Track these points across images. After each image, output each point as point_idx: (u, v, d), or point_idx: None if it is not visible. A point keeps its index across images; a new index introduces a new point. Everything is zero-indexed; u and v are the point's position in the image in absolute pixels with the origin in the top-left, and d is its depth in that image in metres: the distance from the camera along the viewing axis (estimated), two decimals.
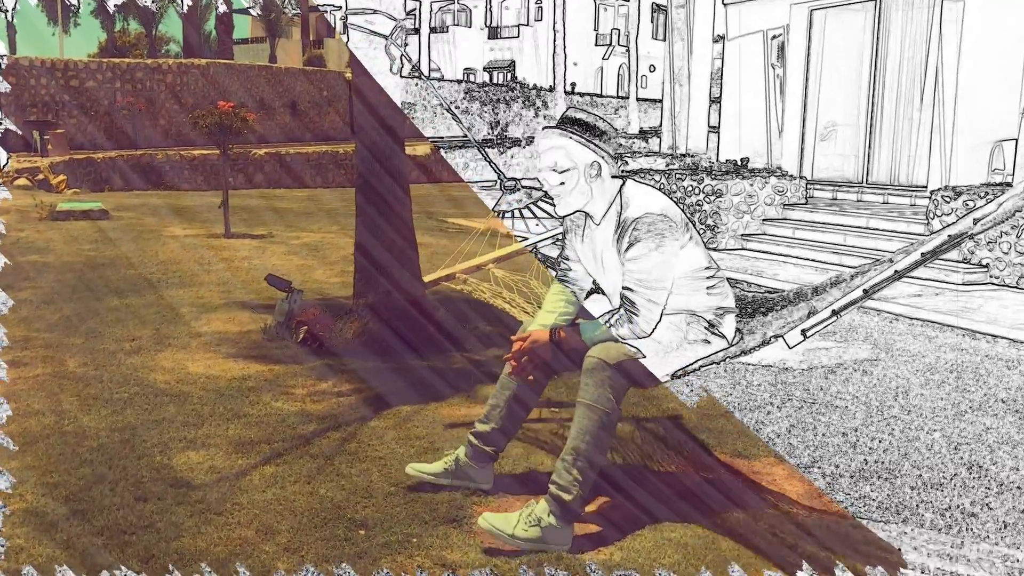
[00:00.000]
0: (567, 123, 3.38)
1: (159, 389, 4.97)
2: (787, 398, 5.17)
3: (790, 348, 2.93)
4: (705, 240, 11.89)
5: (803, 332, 2.91)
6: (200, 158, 21.91)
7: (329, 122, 31.68)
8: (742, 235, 12.03)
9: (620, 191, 3.41)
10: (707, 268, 3.43)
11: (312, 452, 4.10)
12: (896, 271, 2.68)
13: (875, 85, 12.83)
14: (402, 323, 5.99)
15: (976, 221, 2.47)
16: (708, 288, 3.42)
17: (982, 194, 9.65)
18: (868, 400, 5.18)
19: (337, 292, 7.79)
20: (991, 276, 9.28)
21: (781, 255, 11.26)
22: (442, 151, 26.04)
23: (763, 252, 11.60)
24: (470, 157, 23.95)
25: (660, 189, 3.33)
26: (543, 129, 3.43)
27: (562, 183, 3.37)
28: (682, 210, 3.41)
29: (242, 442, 4.21)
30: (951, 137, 11.50)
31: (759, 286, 9.48)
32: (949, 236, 2.58)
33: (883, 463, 4.16)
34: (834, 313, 2.85)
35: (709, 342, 3.40)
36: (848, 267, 3.66)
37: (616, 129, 3.60)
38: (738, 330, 3.48)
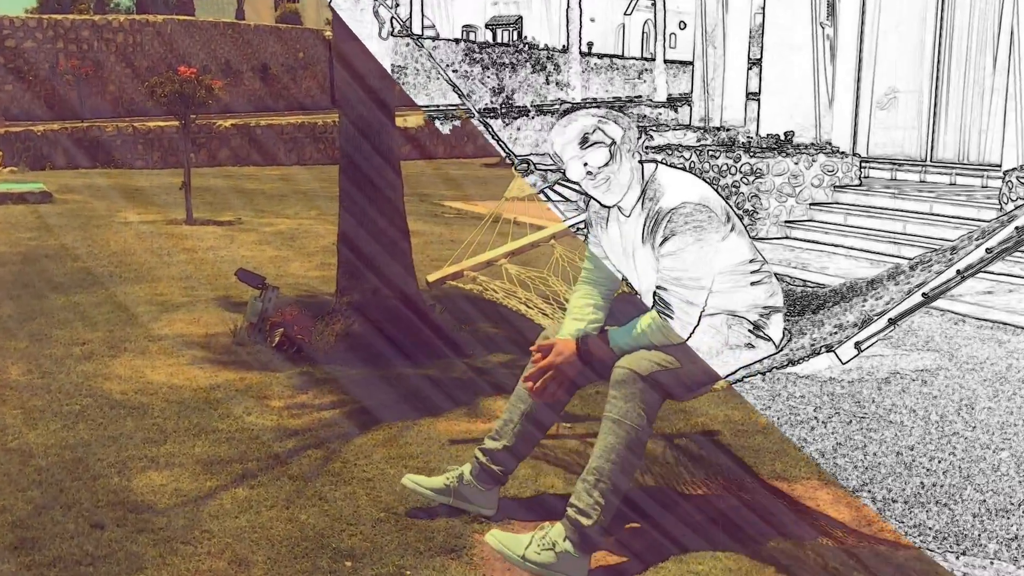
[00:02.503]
0: (578, 108, 3.49)
1: (114, 401, 5.07)
2: (834, 412, 5.25)
3: (843, 364, 3.02)
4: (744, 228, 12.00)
5: (857, 346, 2.99)
6: (156, 132, 22.02)
7: (306, 89, 31.78)
8: (785, 222, 12.10)
9: (651, 178, 3.49)
10: (752, 261, 3.50)
11: (290, 473, 4.19)
12: (958, 271, 2.76)
13: (940, 46, 12.88)
14: (393, 325, 6.08)
15: None
16: (753, 284, 3.50)
17: None
18: (927, 415, 5.26)
19: (317, 288, 7.89)
20: None
21: (831, 245, 11.33)
22: (437, 123, 26.12)
23: (810, 242, 11.67)
24: (470, 130, 24.04)
25: (691, 171, 3.41)
26: (563, 116, 3.51)
27: (608, 163, 3.42)
28: (723, 197, 3.48)
29: (210, 461, 4.30)
30: None
31: (804, 281, 9.58)
32: (1017, 229, 2.65)
33: (942, 487, 4.25)
34: (891, 322, 2.93)
35: (754, 347, 3.49)
36: (906, 258, 3.74)
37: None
38: (786, 330, 3.56)
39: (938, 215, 11.27)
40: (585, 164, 3.43)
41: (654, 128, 14.90)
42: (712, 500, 4.09)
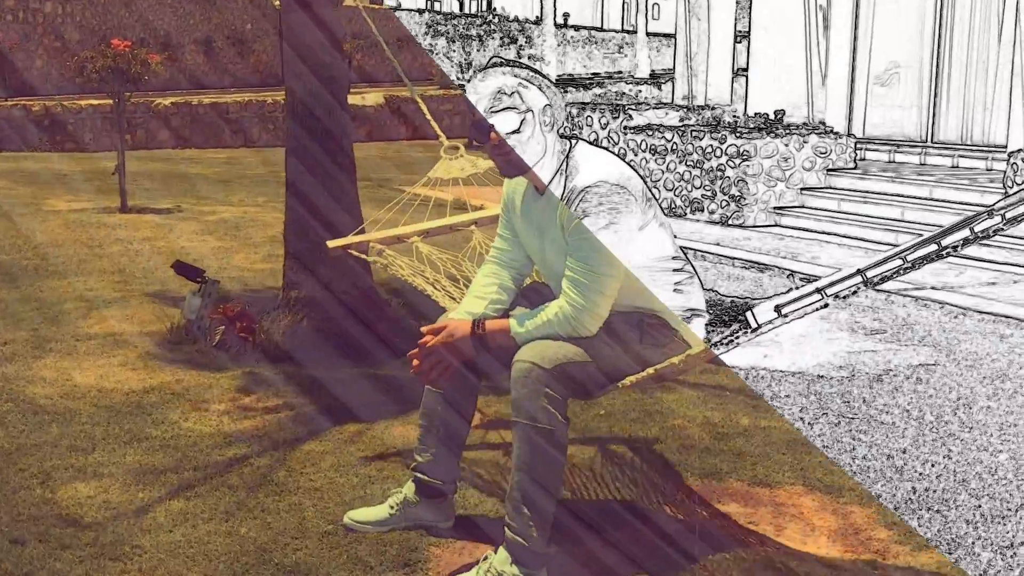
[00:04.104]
0: (504, 64, 3.47)
1: (38, 406, 5.07)
2: (821, 412, 5.32)
3: (758, 326, 2.97)
4: (729, 215, 12.12)
5: (777, 308, 2.95)
6: (88, 110, 21.91)
7: (254, 64, 31.65)
8: (775, 208, 12.20)
9: (569, 154, 3.49)
10: (674, 259, 3.51)
11: (230, 483, 4.21)
12: (901, 257, 2.79)
13: (942, 17, 12.99)
14: (345, 321, 6.10)
15: (1007, 196, 2.60)
16: (675, 284, 3.50)
17: None
18: (921, 414, 5.34)
19: (263, 282, 7.90)
20: None
21: (823, 233, 11.43)
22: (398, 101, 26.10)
23: (801, 229, 11.77)
24: (434, 110, 24.03)
25: (673, 153, 3.41)
26: (484, 69, 3.49)
27: (517, 130, 3.40)
28: (644, 181, 3.49)
29: (143, 471, 4.32)
30: None
31: (793, 272, 9.62)
32: (963, 221, 2.70)
33: (935, 491, 4.32)
34: (818, 292, 2.92)
35: (670, 348, 3.48)
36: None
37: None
38: (707, 340, 3.53)
39: (939, 200, 11.38)
40: (492, 126, 3.41)
41: (633, 107, 14.95)
42: (678, 514, 4.13)
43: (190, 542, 3.69)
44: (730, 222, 12.24)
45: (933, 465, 4.62)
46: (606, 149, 3.59)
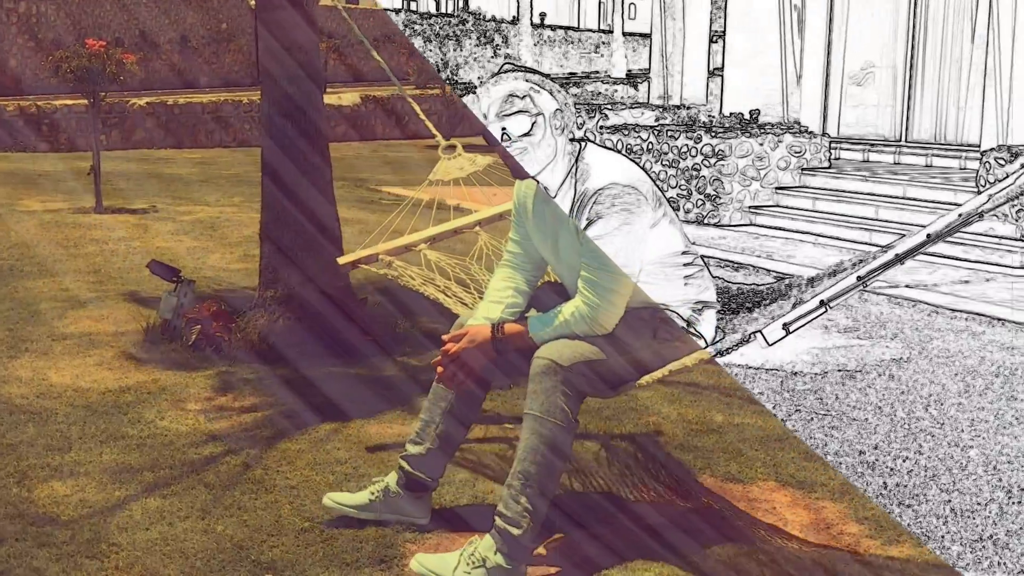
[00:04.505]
0: (516, 69, 3.53)
1: (14, 405, 5.07)
2: (794, 409, 5.37)
3: (769, 345, 3.08)
4: (705, 214, 12.18)
5: (785, 327, 3.05)
6: (63, 111, 21.82)
7: (230, 62, 31.58)
8: (750, 207, 12.27)
9: (579, 157, 3.56)
10: (684, 253, 3.58)
11: (207, 481, 4.22)
12: (897, 255, 2.86)
13: (916, 17, 13.08)
14: (320, 321, 6.11)
15: (990, 197, 2.65)
16: (685, 278, 3.57)
17: None
18: (893, 411, 5.40)
19: (239, 282, 7.91)
20: None
21: (798, 232, 11.51)
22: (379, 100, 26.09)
23: (776, 228, 11.85)
24: (411, 108, 24.01)
25: (649, 152, 3.47)
26: (496, 74, 3.55)
27: (529, 133, 3.47)
28: (654, 181, 3.56)
29: (119, 470, 4.33)
30: (1008, 84, 11.73)
31: (769, 271, 9.70)
32: (960, 216, 2.76)
33: (906, 487, 4.37)
34: (823, 304, 3.01)
35: (683, 343, 3.56)
36: (878, 246, 3.83)
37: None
38: (719, 329, 3.64)
39: (912, 199, 11.47)
40: (503, 129, 3.47)
41: (610, 106, 15.00)
42: (656, 507, 4.17)
43: (167, 540, 3.70)
44: (705, 221, 12.30)
45: (904, 460, 4.68)
46: (614, 150, 3.65)
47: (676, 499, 4.24)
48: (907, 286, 8.47)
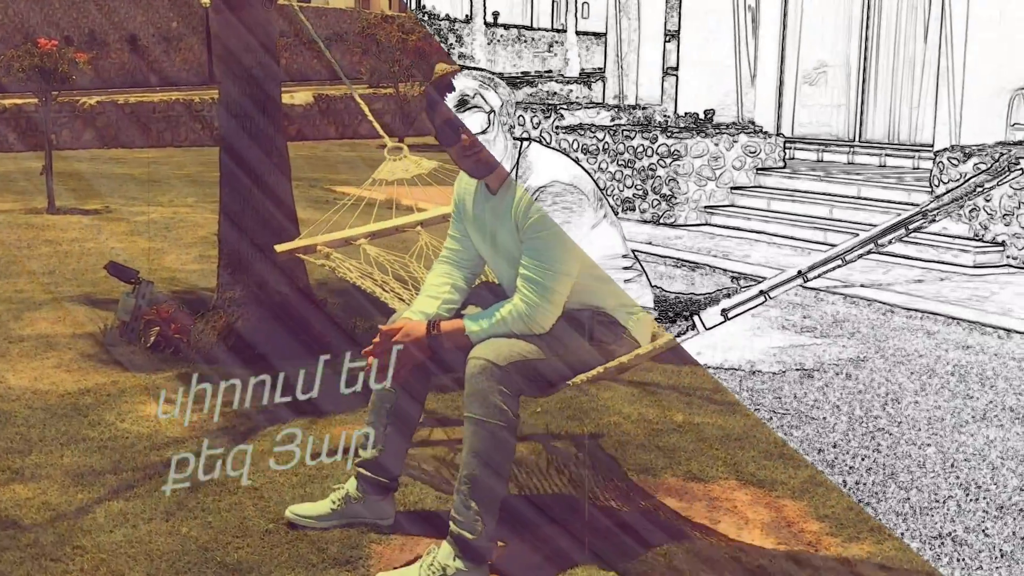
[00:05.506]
0: (461, 68, 3.56)
1: None
2: (754, 407, 5.44)
3: (706, 330, 3.11)
4: (661, 214, 12.27)
5: (724, 312, 3.08)
6: (13, 109, 21.62)
7: (181, 61, 31.38)
8: (705, 207, 12.37)
9: (522, 154, 3.57)
10: (623, 257, 3.61)
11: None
12: (840, 256, 2.91)
13: (869, 17, 13.21)
14: (280, 321, 6.12)
15: (938, 197, 2.72)
16: (624, 282, 3.60)
17: (996, 155, 10.06)
18: (851, 410, 5.48)
19: (197, 282, 7.89)
20: (1008, 257, 9.70)
21: (754, 232, 11.61)
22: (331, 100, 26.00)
23: (731, 228, 11.95)
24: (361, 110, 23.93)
25: (604, 153, 3.51)
26: (451, 72, 3.55)
27: (484, 131, 3.47)
28: (595, 181, 3.58)
29: (81, 472, 4.33)
30: (961, 84, 11.88)
31: (725, 271, 9.78)
32: (900, 220, 2.82)
33: (865, 484, 4.45)
34: (763, 293, 3.05)
35: (619, 347, 3.58)
36: (833, 245, 3.89)
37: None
38: (655, 336, 3.65)
39: (867, 199, 11.61)
40: (462, 127, 3.47)
41: (564, 106, 15.06)
42: (613, 509, 4.21)
43: (131, 542, 3.71)
44: (661, 221, 12.39)
45: (863, 459, 4.75)
46: (556, 149, 3.68)
47: (632, 500, 4.29)
48: (862, 285, 8.58)
